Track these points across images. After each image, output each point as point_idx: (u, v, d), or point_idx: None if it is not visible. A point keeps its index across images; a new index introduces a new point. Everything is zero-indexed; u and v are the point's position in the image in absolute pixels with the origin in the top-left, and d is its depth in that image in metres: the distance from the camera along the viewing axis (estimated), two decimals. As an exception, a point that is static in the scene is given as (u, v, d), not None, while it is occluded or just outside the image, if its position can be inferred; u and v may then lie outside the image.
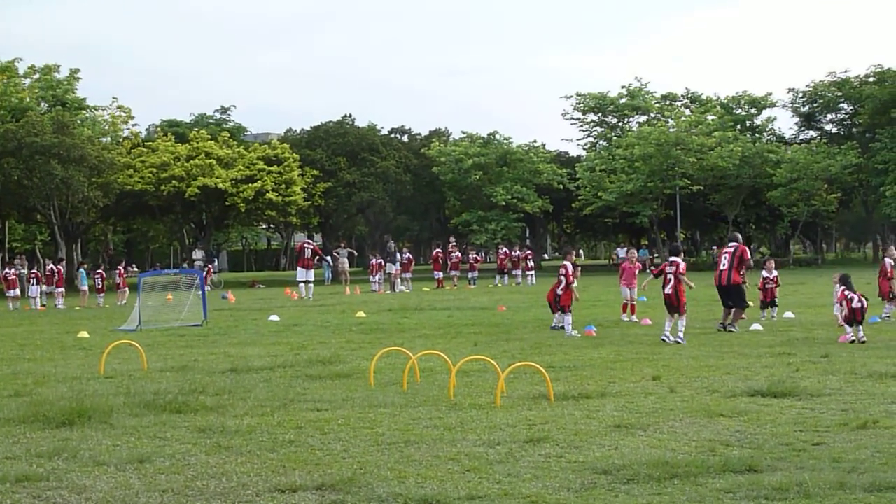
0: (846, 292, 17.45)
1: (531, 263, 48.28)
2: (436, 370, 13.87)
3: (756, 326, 19.94)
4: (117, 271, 39.64)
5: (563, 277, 19.80)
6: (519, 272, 46.90)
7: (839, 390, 11.49)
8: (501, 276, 46.28)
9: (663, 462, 7.90)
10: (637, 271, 23.97)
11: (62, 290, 37.13)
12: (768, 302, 22.66)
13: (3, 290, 38.00)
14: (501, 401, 10.98)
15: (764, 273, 22.98)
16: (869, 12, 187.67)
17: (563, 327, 19.94)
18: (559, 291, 19.82)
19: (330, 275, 52.14)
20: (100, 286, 37.31)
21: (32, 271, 38.89)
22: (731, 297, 20.10)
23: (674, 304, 18.00)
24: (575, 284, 20.10)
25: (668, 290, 18.23)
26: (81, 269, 38.49)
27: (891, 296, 21.69)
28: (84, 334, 21.97)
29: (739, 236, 21.83)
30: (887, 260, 22.34)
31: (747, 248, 21.58)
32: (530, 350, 16.64)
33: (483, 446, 8.78)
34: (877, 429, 9.17)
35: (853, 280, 18.19)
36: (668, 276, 18.39)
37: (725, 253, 20.74)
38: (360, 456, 8.50)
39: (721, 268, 20.45)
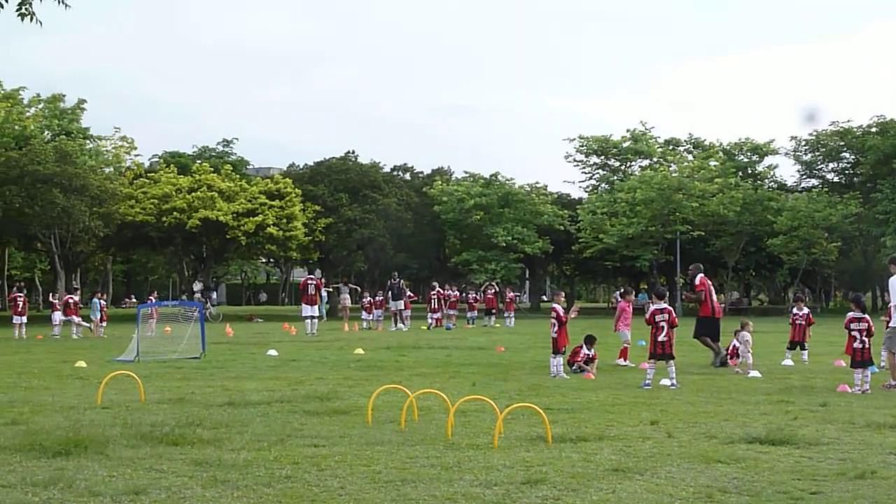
0: (853, 326, 17.14)
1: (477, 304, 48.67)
2: (433, 409, 13.83)
3: (754, 373, 19.83)
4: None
5: (554, 320, 19.67)
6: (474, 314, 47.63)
7: (837, 439, 11.46)
8: (489, 316, 46.49)
9: (660, 507, 7.88)
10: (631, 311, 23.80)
11: (79, 318, 36.97)
12: (797, 342, 22.27)
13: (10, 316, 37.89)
14: (499, 441, 10.96)
15: (794, 310, 22.80)
16: (872, 63, 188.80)
17: (582, 371, 20.03)
18: (553, 334, 19.65)
19: (325, 311, 52.04)
20: (101, 316, 37.31)
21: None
22: None
23: (667, 352, 17.61)
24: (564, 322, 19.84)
25: (661, 338, 17.61)
26: (95, 299, 38.41)
27: None
28: (81, 364, 21.93)
29: None
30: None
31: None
32: (528, 391, 16.59)
33: (480, 487, 8.75)
34: (874, 479, 9.16)
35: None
36: (661, 323, 17.68)
37: None
38: (357, 493, 8.47)
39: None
